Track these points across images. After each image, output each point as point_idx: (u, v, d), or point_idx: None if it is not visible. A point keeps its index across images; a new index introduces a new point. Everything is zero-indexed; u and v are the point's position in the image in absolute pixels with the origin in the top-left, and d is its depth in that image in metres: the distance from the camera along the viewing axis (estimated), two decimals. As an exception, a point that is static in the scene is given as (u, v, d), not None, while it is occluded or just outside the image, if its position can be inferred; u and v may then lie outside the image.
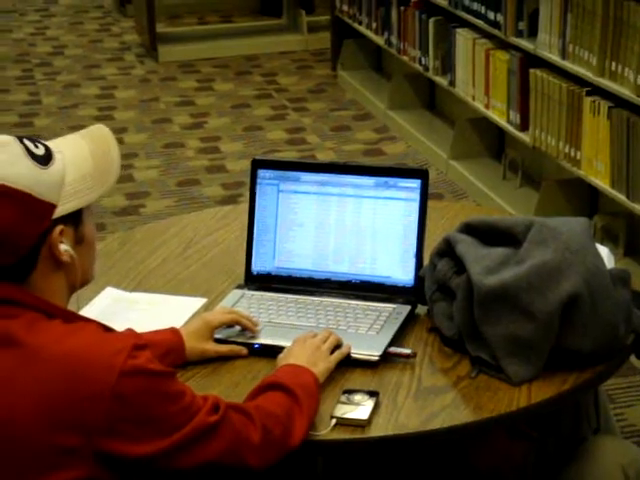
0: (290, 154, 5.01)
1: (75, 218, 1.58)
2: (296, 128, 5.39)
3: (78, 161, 1.61)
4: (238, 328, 1.99)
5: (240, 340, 1.97)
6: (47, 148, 1.57)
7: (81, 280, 1.63)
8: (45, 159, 1.55)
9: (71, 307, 1.64)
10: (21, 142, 1.55)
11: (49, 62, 6.64)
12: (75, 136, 1.67)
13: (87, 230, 1.62)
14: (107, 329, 1.58)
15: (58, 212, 1.55)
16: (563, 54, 3.75)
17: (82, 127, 1.71)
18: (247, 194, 2.22)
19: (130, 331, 1.59)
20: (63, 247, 1.55)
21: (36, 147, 1.56)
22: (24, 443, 1.46)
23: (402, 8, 5.11)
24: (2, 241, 1.50)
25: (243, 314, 2.00)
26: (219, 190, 4.66)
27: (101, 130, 1.70)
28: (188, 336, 1.92)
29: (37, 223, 1.52)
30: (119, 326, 1.63)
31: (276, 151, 5.04)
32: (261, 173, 2.18)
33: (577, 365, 1.86)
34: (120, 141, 4.61)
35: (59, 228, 1.54)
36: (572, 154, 3.73)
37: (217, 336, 1.96)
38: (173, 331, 1.93)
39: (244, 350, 1.95)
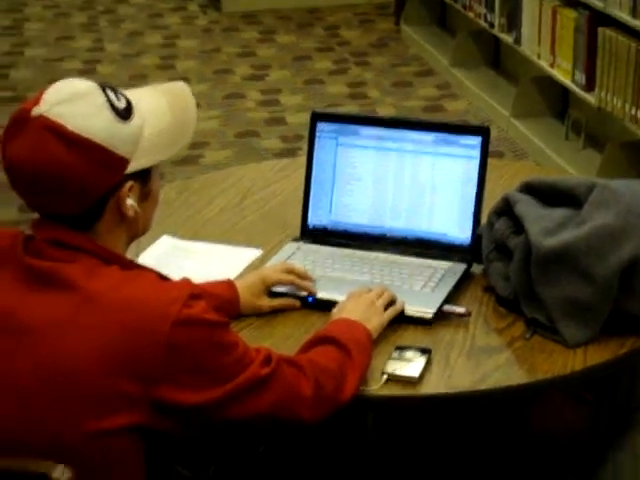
0: (350, 108, 4.98)
1: (144, 174, 1.59)
2: (357, 82, 5.36)
3: (156, 117, 1.60)
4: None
5: (295, 293, 1.97)
6: (128, 101, 1.56)
7: (140, 232, 1.64)
8: (126, 113, 1.55)
9: (130, 253, 1.66)
10: (104, 92, 1.53)
11: (113, 10, 6.67)
12: (155, 91, 1.67)
13: (154, 186, 1.63)
14: (163, 278, 1.59)
15: (131, 167, 1.55)
16: (634, 12, 3.67)
17: (144, 76, 1.73)
18: (306, 147, 2.20)
19: (186, 280, 1.59)
20: (130, 202, 1.56)
21: (118, 99, 1.54)
22: (85, 386, 1.48)
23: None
24: (72, 190, 1.51)
25: (301, 271, 1.99)
26: (278, 143, 4.66)
27: (182, 88, 1.69)
28: (243, 290, 1.93)
29: (109, 176, 1.53)
30: (175, 275, 1.64)
31: (336, 105, 5.02)
32: (320, 126, 2.17)
33: (635, 330, 1.84)
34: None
35: (129, 184, 1.55)
36: (639, 116, 3.67)
37: (273, 289, 1.96)
38: (229, 284, 1.93)
39: (297, 303, 1.95)
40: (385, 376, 1.74)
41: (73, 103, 1.50)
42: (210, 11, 6.57)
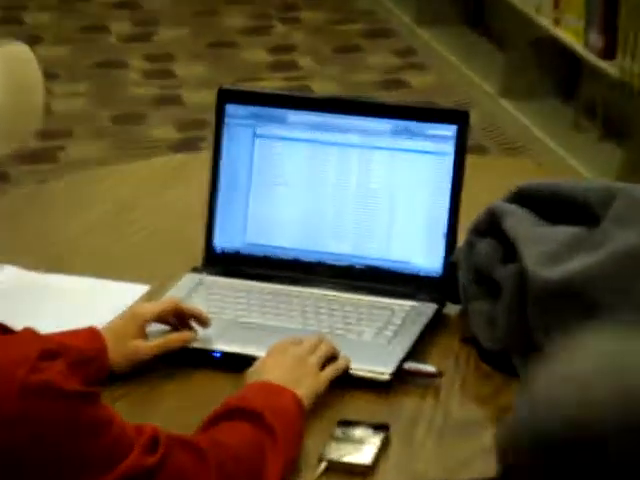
0: (274, 83, 5.04)
1: None
2: (283, 46, 5.42)
3: None
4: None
5: (194, 346, 1.97)
6: None
7: None
8: None
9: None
10: None
11: None
12: None
13: None
14: (4, 329, 1.58)
15: None
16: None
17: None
18: (211, 138, 2.21)
19: (31, 332, 1.59)
20: None
21: None
22: None
23: None
24: None
25: (192, 311, 2.00)
26: (171, 131, 4.69)
27: (22, 52, 1.68)
28: (112, 336, 1.93)
29: None
30: (21, 324, 1.62)
31: (254, 79, 5.06)
32: (231, 109, 2.18)
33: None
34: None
35: None
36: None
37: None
38: (91, 331, 1.93)
39: (190, 334, 1.97)
40: (324, 463, 1.74)
41: None
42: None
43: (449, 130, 2.11)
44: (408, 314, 2.04)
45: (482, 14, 5.42)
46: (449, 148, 2.10)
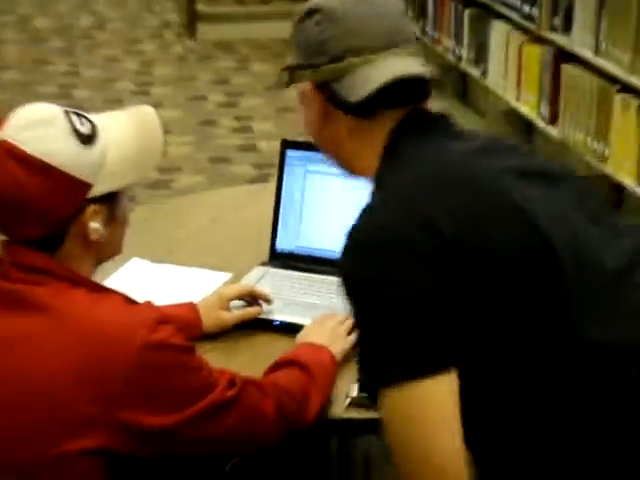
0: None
1: (110, 198, 1.56)
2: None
3: (122, 143, 1.58)
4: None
5: (261, 317, 1.96)
6: (93, 126, 1.54)
7: (108, 255, 1.63)
8: (89, 138, 1.52)
9: (97, 276, 1.64)
10: (67, 117, 1.52)
11: (90, 35, 6.65)
12: (123, 115, 1.63)
13: (120, 209, 1.60)
14: (130, 301, 1.58)
15: (94, 192, 1.53)
16: (596, 51, 3.71)
17: (119, 101, 1.73)
18: (275, 174, 2.21)
19: (150, 304, 1.58)
20: (93, 226, 1.53)
21: (82, 124, 1.52)
22: (45, 407, 1.46)
23: (438, -2, 5.12)
24: (32, 214, 1.49)
25: (260, 293, 1.99)
26: (250, 169, 4.66)
27: (149, 113, 1.65)
28: (204, 310, 1.92)
29: (70, 201, 1.51)
30: (143, 297, 1.62)
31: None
32: (290, 153, 2.18)
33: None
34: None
35: (92, 208, 1.53)
36: (600, 150, 3.70)
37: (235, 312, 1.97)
38: (190, 306, 1.92)
39: (258, 309, 1.96)
40: (349, 399, 1.73)
41: (36, 128, 1.49)
42: (186, 39, 6.58)
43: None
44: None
45: (467, 91, 5.40)
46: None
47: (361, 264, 1.38)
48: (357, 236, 1.41)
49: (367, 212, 1.44)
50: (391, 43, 1.46)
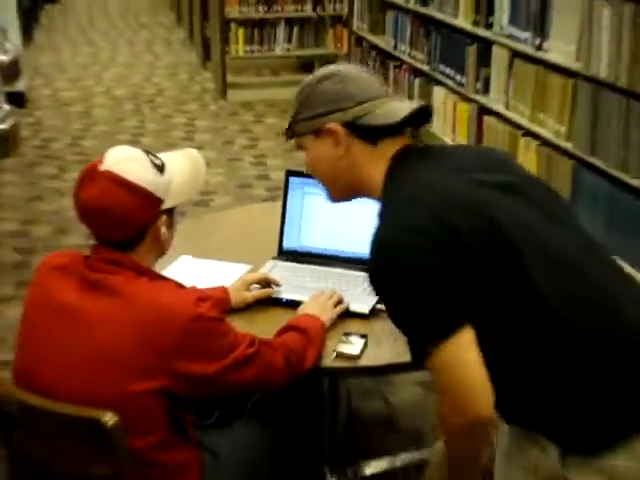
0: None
1: (171, 211, 1.58)
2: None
3: (180, 172, 1.59)
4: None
5: (273, 296, 1.94)
6: (162, 161, 1.57)
7: (164, 251, 1.63)
8: (161, 168, 1.54)
9: (156, 268, 1.63)
10: (146, 154, 1.54)
11: (152, 100, 6.64)
12: (179, 154, 1.65)
13: (174, 219, 1.61)
14: (180, 286, 1.57)
15: (164, 206, 1.54)
16: (507, 106, 3.71)
17: (173, 145, 1.71)
18: (282, 195, 2.19)
19: (195, 288, 1.58)
20: (163, 231, 1.54)
21: (156, 159, 1.55)
22: (123, 361, 1.46)
23: (396, 70, 5.08)
24: (125, 222, 1.50)
25: (270, 279, 1.96)
26: (264, 192, 4.63)
27: (196, 153, 1.69)
28: (232, 291, 1.91)
29: (152, 212, 1.52)
30: (189, 283, 1.62)
31: (304, 166, 4.97)
32: (292, 180, 2.16)
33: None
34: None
35: (163, 217, 1.54)
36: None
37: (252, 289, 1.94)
38: (222, 288, 1.91)
39: (270, 290, 1.93)
40: (335, 353, 1.72)
41: (127, 162, 1.51)
42: (219, 100, 6.56)
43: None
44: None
45: (417, 135, 5.35)
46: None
47: (396, 258, 1.32)
48: (388, 235, 1.35)
49: (389, 216, 1.38)
50: (386, 93, 1.50)
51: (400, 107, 1.47)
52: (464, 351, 1.28)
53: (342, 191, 1.55)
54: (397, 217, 1.36)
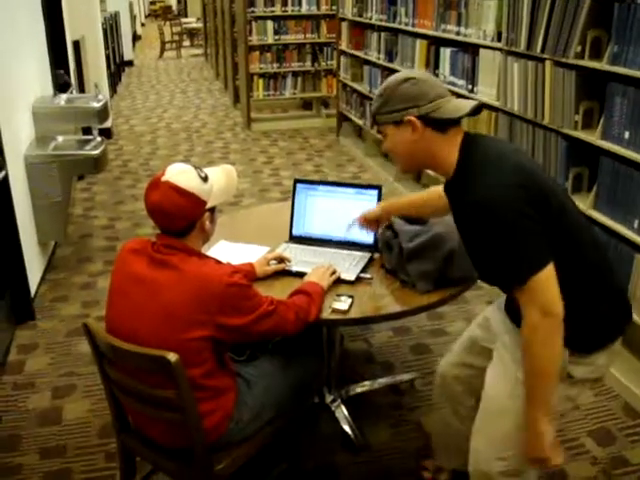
0: (314, 177, 4.92)
1: (213, 209, 1.57)
2: (318, 165, 5.29)
3: (218, 182, 1.57)
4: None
5: (286, 269, 1.92)
6: (206, 173, 1.55)
7: (208, 238, 1.61)
8: (206, 179, 1.53)
9: (203, 250, 1.61)
10: (195, 169, 1.53)
11: (199, 131, 6.58)
12: (219, 169, 1.64)
13: (215, 216, 1.60)
14: (219, 262, 1.56)
15: (207, 206, 1.53)
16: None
17: (214, 162, 1.68)
18: (291, 196, 2.16)
19: (229, 263, 1.57)
20: (207, 224, 1.53)
21: (201, 172, 1.54)
22: (180, 317, 1.45)
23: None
24: (181, 218, 1.49)
25: (284, 256, 1.94)
26: (279, 194, 4.59)
27: (230, 168, 1.67)
28: (257, 265, 1.89)
29: (198, 210, 1.51)
30: (226, 260, 1.61)
31: (307, 175, 4.94)
32: (298, 185, 2.13)
33: (451, 285, 1.82)
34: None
35: (207, 214, 1.53)
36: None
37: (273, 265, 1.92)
38: (249, 263, 1.90)
39: (283, 265, 1.91)
40: (330, 309, 1.71)
41: (182, 174, 1.50)
42: (246, 130, 6.51)
43: (374, 192, 2.04)
44: (361, 257, 1.99)
45: (361, 133, 5.30)
46: (374, 198, 2.04)
47: (507, 209, 1.29)
48: (499, 192, 1.30)
49: (489, 176, 1.33)
50: (448, 92, 1.42)
51: (462, 104, 1.39)
52: (551, 276, 1.30)
53: (413, 166, 1.45)
54: (498, 176, 1.30)
